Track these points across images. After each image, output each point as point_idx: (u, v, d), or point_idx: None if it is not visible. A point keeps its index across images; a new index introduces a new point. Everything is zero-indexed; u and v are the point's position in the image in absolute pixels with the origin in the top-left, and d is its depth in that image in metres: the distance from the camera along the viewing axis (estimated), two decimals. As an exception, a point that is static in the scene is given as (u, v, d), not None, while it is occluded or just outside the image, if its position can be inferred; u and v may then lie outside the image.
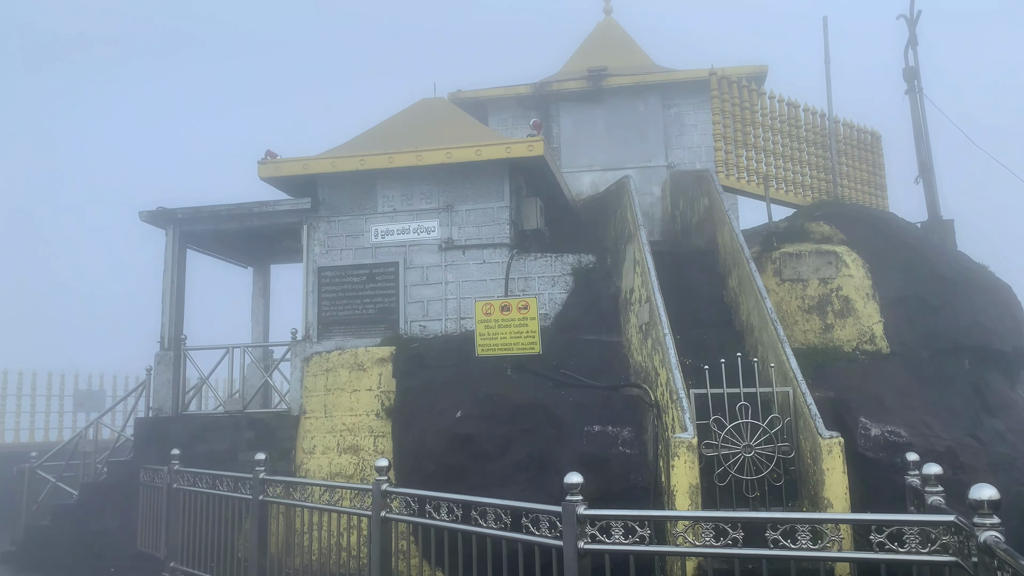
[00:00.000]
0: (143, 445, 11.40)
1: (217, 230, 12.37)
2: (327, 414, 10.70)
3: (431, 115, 12.98)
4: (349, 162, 11.51)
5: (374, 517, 6.79)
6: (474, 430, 8.60)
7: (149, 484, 10.58)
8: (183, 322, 12.22)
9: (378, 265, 11.60)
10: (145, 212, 12.21)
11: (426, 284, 11.39)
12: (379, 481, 6.82)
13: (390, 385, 10.46)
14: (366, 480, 9.88)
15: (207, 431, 11.17)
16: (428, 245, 11.50)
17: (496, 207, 11.38)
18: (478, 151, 11.09)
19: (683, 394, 7.17)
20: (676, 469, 6.70)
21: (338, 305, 11.60)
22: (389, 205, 11.73)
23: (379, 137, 12.43)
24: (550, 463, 8.00)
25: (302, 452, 10.67)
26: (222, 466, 9.98)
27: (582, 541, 5.16)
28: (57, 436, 17.89)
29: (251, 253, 14.57)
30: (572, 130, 15.64)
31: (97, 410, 17.79)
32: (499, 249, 11.25)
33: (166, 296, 12.15)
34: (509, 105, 15.94)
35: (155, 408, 11.73)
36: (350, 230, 11.79)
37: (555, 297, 10.92)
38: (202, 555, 9.23)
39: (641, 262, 9.16)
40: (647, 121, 15.37)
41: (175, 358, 11.87)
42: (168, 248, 12.29)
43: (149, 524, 10.43)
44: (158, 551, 10.01)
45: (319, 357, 11.11)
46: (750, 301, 8.95)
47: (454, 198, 11.52)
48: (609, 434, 8.03)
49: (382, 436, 10.19)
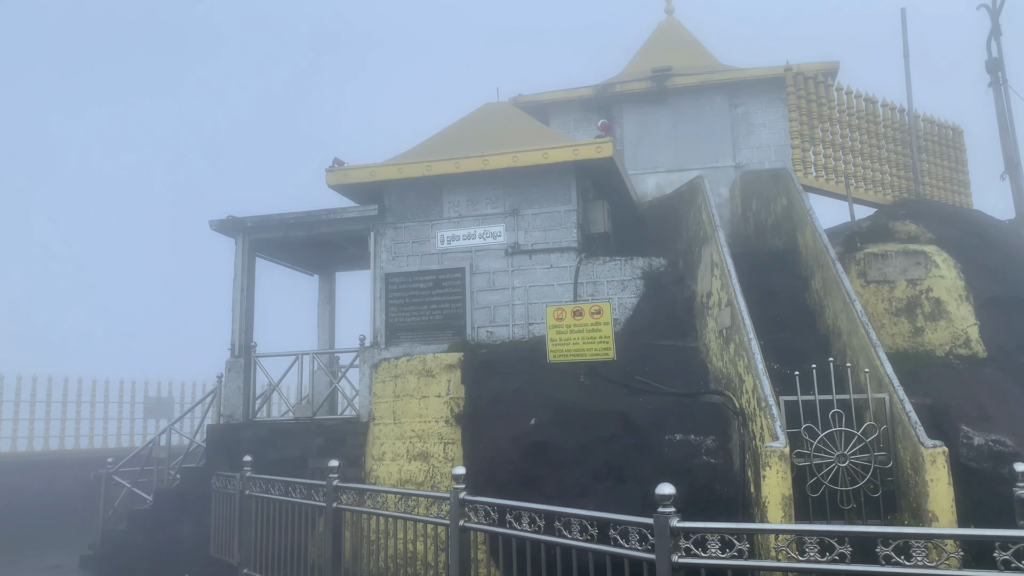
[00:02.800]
0: (215, 451, 11.50)
1: (285, 238, 12.45)
2: (396, 420, 10.62)
3: (495, 119, 12.86)
4: (415, 168, 11.46)
5: (452, 526, 6.64)
6: (549, 438, 8.38)
7: (221, 490, 10.64)
8: (253, 329, 12.31)
9: (444, 271, 11.50)
10: (215, 221, 12.36)
11: (492, 290, 11.25)
12: (456, 489, 6.67)
13: (459, 392, 10.34)
14: (437, 487, 9.76)
15: (277, 437, 11.21)
16: (494, 250, 11.36)
17: (563, 211, 11.18)
18: (545, 154, 10.92)
19: (772, 401, 6.84)
20: (767, 480, 6.39)
21: (405, 311, 11.54)
22: (455, 210, 11.63)
23: (444, 143, 12.36)
24: (629, 473, 7.74)
25: (372, 459, 10.61)
26: (292, 473, 9.98)
27: (676, 555, 4.91)
28: (129, 442, 18.32)
29: (317, 260, 14.66)
30: (635, 132, 15.37)
31: (167, 417, 18.18)
32: (566, 253, 11.05)
33: (236, 304, 12.26)
34: (571, 108, 15.75)
35: (226, 415, 11.83)
36: (416, 236, 11.73)
37: (625, 302, 10.65)
38: (274, 562, 9.22)
39: (720, 264, 8.84)
40: (713, 121, 15.02)
41: (245, 365, 11.96)
42: (238, 256, 12.41)
43: (222, 530, 10.48)
44: (231, 557, 10.04)
45: (387, 363, 11.05)
46: (836, 304, 8.55)
47: (520, 202, 11.37)
48: (691, 443, 7.73)
49: (452, 443, 10.06)
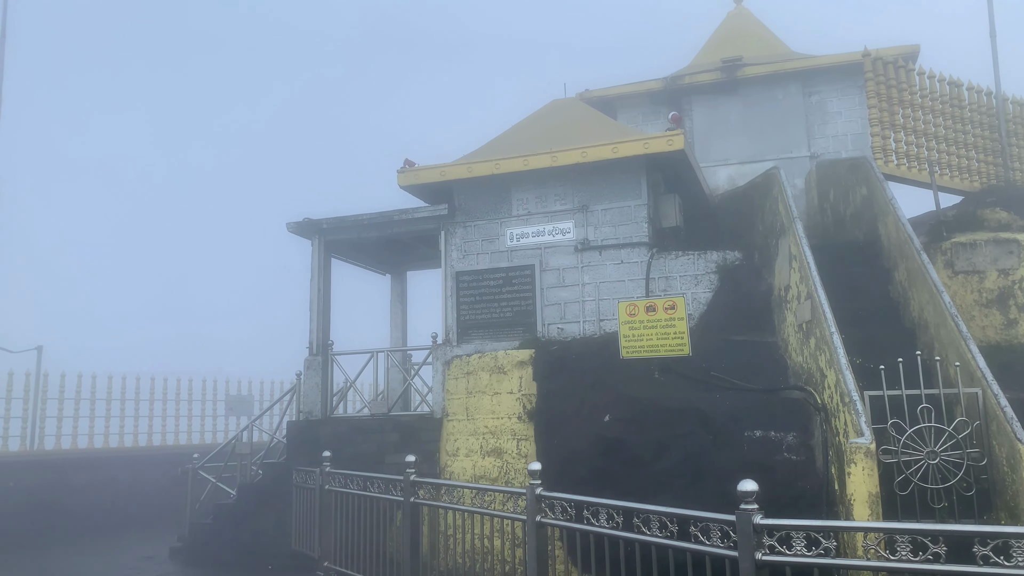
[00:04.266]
0: (294, 447, 11.82)
1: (358, 239, 12.69)
2: (469, 417, 10.72)
3: (562, 116, 12.83)
4: (484, 167, 11.53)
5: (529, 522, 6.66)
6: (623, 435, 8.33)
7: (302, 485, 10.93)
8: (330, 328, 12.60)
9: (514, 268, 11.54)
10: (292, 223, 12.69)
11: (562, 286, 11.23)
12: (533, 485, 6.69)
13: (531, 388, 10.36)
14: (510, 483, 9.81)
15: (354, 433, 11.44)
16: (563, 247, 11.34)
17: (633, 205, 11.08)
18: (614, 148, 10.84)
19: (856, 396, 6.64)
20: (853, 477, 6.20)
21: (476, 309, 11.63)
22: (524, 208, 11.66)
23: (512, 141, 12.40)
24: (707, 470, 7.62)
25: (446, 454, 10.74)
26: (369, 468, 10.18)
27: (759, 552, 4.82)
28: (212, 439, 18.98)
29: (389, 260, 14.90)
30: (706, 124, 15.12)
31: (247, 414, 18.76)
32: (637, 248, 10.94)
33: (313, 303, 12.57)
34: (638, 102, 15.60)
35: (305, 411, 12.14)
36: (486, 234, 11.81)
37: (699, 296, 10.49)
38: (354, 555, 9.42)
39: (798, 257, 8.62)
40: (786, 111, 14.65)
41: (323, 363, 12.25)
42: (314, 257, 12.72)
43: (303, 524, 10.77)
44: (312, 551, 10.31)
45: (459, 360, 11.15)
46: (923, 296, 8.24)
47: (589, 198, 11.32)
48: (771, 439, 7.57)
49: (525, 439, 10.09)
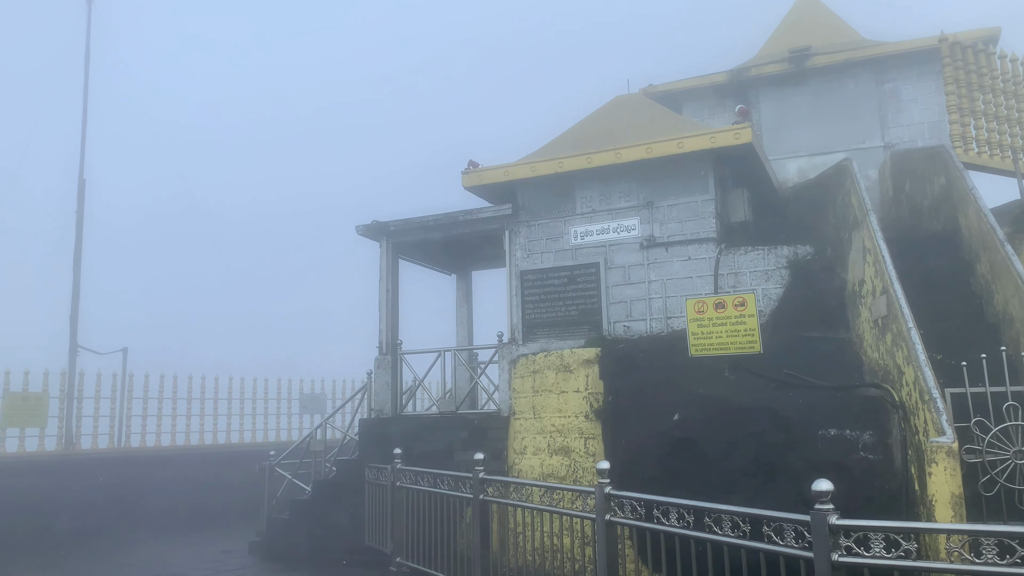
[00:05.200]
0: (366, 444, 12.07)
1: (425, 240, 12.88)
2: (536, 415, 10.76)
3: (626, 112, 12.75)
4: (548, 165, 11.55)
5: (599, 520, 6.66)
6: (693, 433, 8.24)
7: (374, 482, 11.16)
8: (398, 328, 12.82)
9: (579, 266, 11.53)
10: (361, 226, 12.96)
11: (628, 284, 11.17)
12: (602, 484, 6.68)
13: (598, 387, 10.34)
14: (578, 482, 9.81)
15: (423, 431, 11.62)
16: (629, 244, 11.27)
17: (700, 200, 10.94)
18: (680, 143, 10.72)
19: (937, 394, 6.42)
20: (934, 477, 6.00)
21: (541, 308, 11.66)
22: (588, 206, 11.63)
23: (574, 138, 12.39)
24: (780, 469, 7.48)
25: (513, 452, 10.81)
26: (438, 464, 10.32)
27: (836, 553, 4.72)
28: (287, 436, 19.52)
29: (454, 260, 15.06)
30: (774, 116, 14.81)
31: (320, 412, 19.23)
32: (705, 244, 10.80)
33: (382, 304, 12.81)
34: (704, 95, 15.38)
35: (376, 409, 12.39)
36: (550, 233, 11.83)
37: (769, 292, 10.29)
38: (425, 551, 9.56)
39: (873, 250, 8.38)
40: (858, 100, 14.23)
41: (392, 362, 12.48)
42: (383, 259, 12.96)
43: (375, 520, 10.99)
44: (384, 546, 10.51)
45: (525, 359, 11.20)
46: (1007, 289, 7.90)
47: (654, 194, 11.22)
48: (847, 438, 7.38)
49: (592, 438, 10.08)
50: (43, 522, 13.79)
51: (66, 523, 14.09)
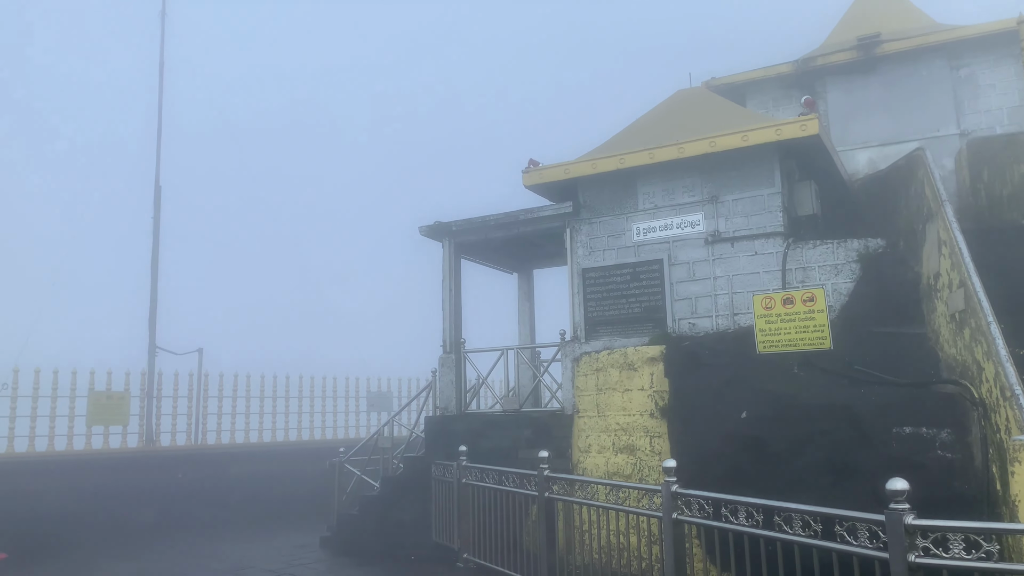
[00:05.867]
0: (432, 441, 12.24)
1: (486, 239, 12.97)
2: (600, 413, 10.74)
3: (688, 106, 12.60)
4: (609, 162, 11.50)
5: (665, 519, 6.63)
6: (761, 432, 8.11)
7: (440, 479, 11.31)
8: (461, 327, 12.96)
9: (641, 263, 11.45)
10: (424, 227, 13.14)
11: (693, 280, 11.03)
12: (668, 482, 6.65)
13: (663, 385, 10.25)
14: (644, 480, 9.76)
15: (488, 428, 11.72)
16: (693, 240, 11.14)
17: (766, 194, 10.73)
18: (744, 137, 10.54)
19: (1019, 390, 6.16)
20: (1017, 476, 5.77)
21: (603, 305, 11.62)
22: (650, 202, 11.54)
23: (636, 134, 12.30)
24: (852, 468, 7.30)
25: (578, 451, 10.81)
26: (503, 462, 10.39)
27: (912, 554, 4.60)
28: (355, 433, 19.92)
29: (516, 259, 15.13)
30: (842, 106, 14.42)
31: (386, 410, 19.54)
32: (771, 239, 10.59)
33: (446, 303, 12.96)
34: (768, 87, 15.08)
35: (441, 407, 12.55)
36: (611, 230, 11.78)
37: (839, 287, 10.04)
38: (491, 547, 9.66)
39: (948, 242, 8.08)
40: (931, 87, 13.74)
41: (456, 361, 12.62)
42: (445, 259, 13.12)
43: (442, 516, 11.14)
44: (451, 542, 10.64)
45: (588, 357, 11.19)
46: (1095, 280, 7.53)
47: (719, 189, 11.06)
48: (923, 436, 7.15)
49: (658, 436, 10.00)
50: (126, 515, 14.41)
51: (147, 516, 14.70)
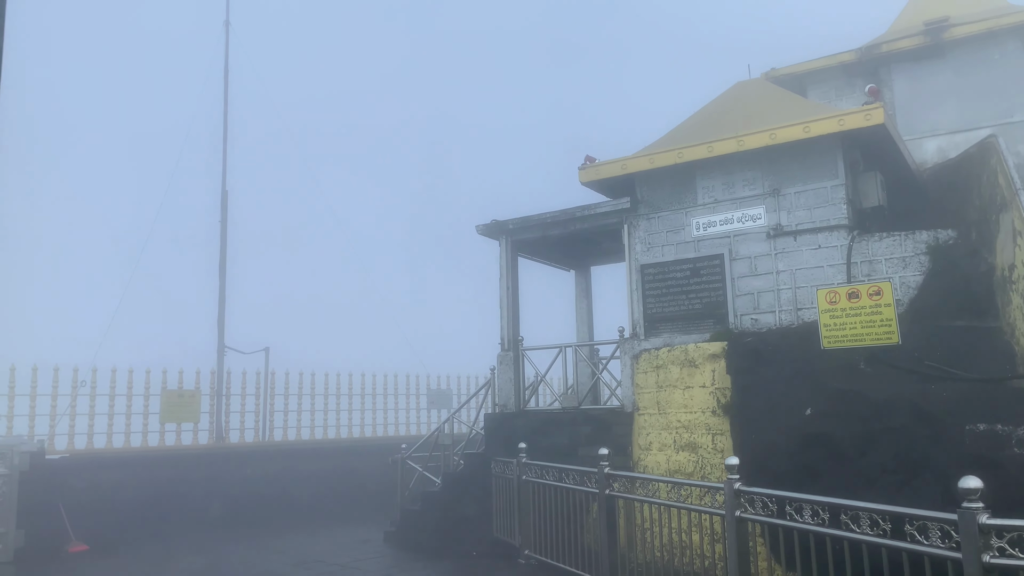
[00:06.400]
0: (492, 438, 12.32)
1: (543, 237, 12.99)
2: (660, 411, 10.66)
3: (748, 98, 12.39)
4: (667, 157, 11.40)
5: (728, 516, 6.56)
6: (827, 428, 7.94)
7: (500, 475, 11.38)
8: (519, 324, 13.01)
9: (701, 259, 11.31)
10: (481, 225, 13.25)
11: (755, 275, 10.85)
12: (731, 480, 6.58)
13: (724, 382, 10.12)
14: (706, 478, 9.66)
15: (547, 426, 11.74)
16: (754, 234, 10.95)
17: (829, 186, 10.49)
18: (806, 128, 10.32)
19: (1103, 386, 5.91)
20: (1101, 476, 5.53)
21: (663, 302, 11.53)
22: (709, 196, 11.39)
23: (694, 128, 12.15)
24: (922, 466, 7.09)
25: (638, 448, 10.75)
26: (562, 459, 10.40)
27: (987, 555, 4.47)
28: (416, 430, 20.19)
29: (573, 256, 15.11)
30: (908, 93, 13.98)
31: (446, 407, 19.76)
32: (835, 232, 10.34)
33: (503, 301, 13.04)
34: (831, 76, 14.72)
35: (500, 404, 12.63)
36: (670, 225, 11.67)
37: (907, 280, 9.74)
38: (552, 544, 9.68)
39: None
40: (1004, 71, 13.23)
41: (514, 358, 12.68)
42: (502, 257, 13.19)
43: (502, 512, 11.21)
44: (512, 538, 10.71)
45: (648, 354, 11.11)
46: None
47: (780, 182, 10.85)
48: (998, 433, 6.90)
49: (720, 434, 9.88)
50: (197, 509, 14.91)
51: (217, 510, 15.18)
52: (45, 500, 13.01)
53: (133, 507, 14.10)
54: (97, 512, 13.60)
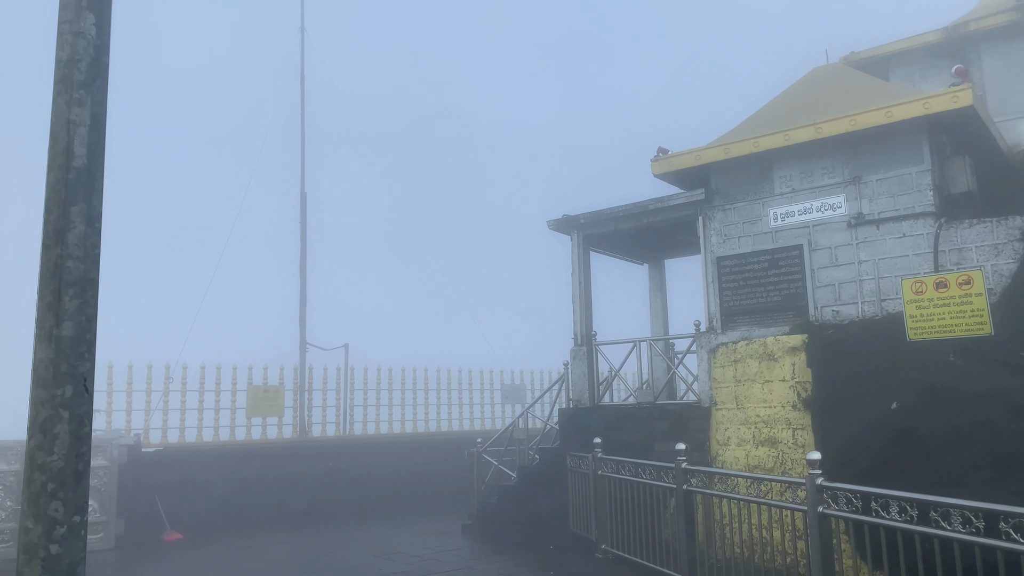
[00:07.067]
0: (566, 433, 12.36)
1: (615, 231, 12.92)
2: (738, 405, 10.49)
3: (826, 83, 12.03)
4: (742, 146, 11.18)
5: (810, 513, 6.43)
6: (913, 423, 7.68)
7: (575, 470, 11.42)
8: (592, 319, 12.99)
9: (779, 250, 11.06)
10: (552, 221, 13.27)
11: (835, 266, 10.55)
12: (813, 475, 6.44)
13: (805, 375, 9.89)
14: (787, 474, 9.46)
15: (622, 421, 11.70)
16: (834, 223, 10.64)
17: (914, 172, 10.10)
18: (888, 113, 9.96)
19: None
20: None
21: (740, 294, 11.32)
22: (787, 185, 11.12)
23: (769, 116, 11.88)
24: (1018, 462, 6.79)
25: (716, 443, 10.60)
26: (638, 455, 10.37)
27: (1091, 556, 4.25)
28: (490, 425, 20.37)
29: (646, 249, 14.98)
30: (999, 73, 13.31)
31: (519, 402, 19.88)
32: (921, 219, 9.96)
33: (575, 296, 13.04)
34: (914, 58, 14.14)
35: (574, 399, 12.65)
36: (746, 216, 11.44)
37: (1000, 268, 9.30)
38: (630, 539, 9.67)
39: None
40: (1106, 45, 12.46)
41: (588, 353, 12.67)
42: (574, 252, 13.19)
43: (578, 507, 11.25)
44: (589, 533, 10.74)
45: (725, 348, 10.95)
46: None
47: (861, 169, 10.51)
48: (1102, 428, 6.56)
49: (801, 429, 9.66)
50: (281, 501, 15.43)
51: (300, 502, 15.67)
52: (142, 491, 13.70)
53: (222, 498, 14.70)
54: (189, 503, 14.24)
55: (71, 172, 2.65)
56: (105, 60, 2.77)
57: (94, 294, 2.68)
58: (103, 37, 2.76)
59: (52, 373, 2.53)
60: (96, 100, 2.73)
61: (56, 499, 2.48)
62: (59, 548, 2.47)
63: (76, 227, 2.64)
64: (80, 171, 2.67)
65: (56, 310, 2.58)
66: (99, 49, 2.75)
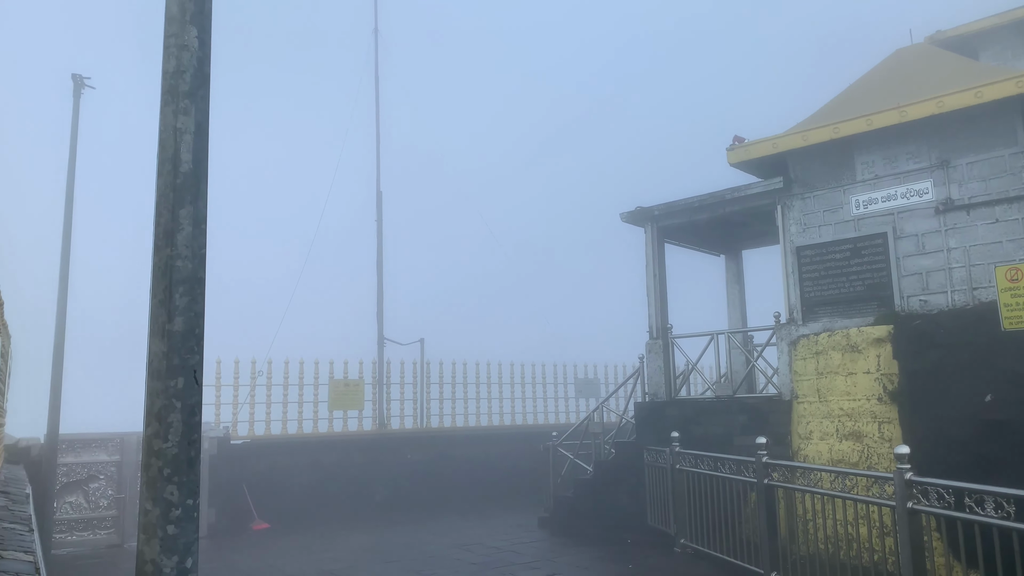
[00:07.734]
0: (643, 427, 12.30)
1: (690, 222, 12.77)
2: (821, 399, 10.25)
3: (909, 65, 11.61)
4: (821, 133, 10.89)
5: (899, 508, 6.26)
6: (1009, 416, 7.38)
7: (653, 464, 11.37)
8: (667, 312, 12.88)
9: (862, 238, 10.74)
10: (626, 213, 13.20)
11: (922, 254, 10.18)
12: (901, 470, 6.27)
13: (891, 367, 9.59)
14: (873, 468, 9.21)
15: (700, 414, 11.58)
16: (921, 209, 10.27)
17: (1007, 154, 9.66)
18: (978, 93, 9.54)
19: None
20: None
21: (821, 285, 11.04)
22: (869, 172, 10.79)
23: (849, 101, 11.53)
24: None
25: (798, 437, 10.39)
26: (716, 449, 10.25)
27: None
28: (564, 419, 20.40)
29: (722, 240, 14.75)
30: (1101, 47, 12.58)
31: (594, 396, 19.86)
32: (1016, 203, 9.51)
33: (650, 289, 12.95)
34: (1005, 36, 13.46)
35: (650, 393, 12.57)
36: (826, 205, 11.15)
37: (1104, 254, 8.83)
38: (708, 533, 9.58)
39: None
40: None
41: (663, 346, 12.57)
42: (648, 244, 13.09)
43: (656, 501, 11.19)
44: (667, 527, 10.68)
45: (806, 340, 10.71)
46: None
47: (949, 152, 10.11)
48: None
49: (887, 422, 9.38)
50: (361, 491, 15.85)
51: (379, 494, 16.06)
52: (231, 482, 14.27)
53: (305, 489, 15.19)
54: (275, 493, 14.77)
55: (179, 177, 2.82)
56: (207, 70, 2.93)
57: (201, 291, 2.85)
58: (205, 48, 2.93)
59: (165, 365, 2.71)
60: (200, 108, 2.89)
61: (171, 483, 2.66)
62: (175, 528, 2.65)
63: (184, 229, 2.81)
64: (187, 176, 2.84)
65: (168, 307, 2.75)
66: (201, 60, 2.91)
